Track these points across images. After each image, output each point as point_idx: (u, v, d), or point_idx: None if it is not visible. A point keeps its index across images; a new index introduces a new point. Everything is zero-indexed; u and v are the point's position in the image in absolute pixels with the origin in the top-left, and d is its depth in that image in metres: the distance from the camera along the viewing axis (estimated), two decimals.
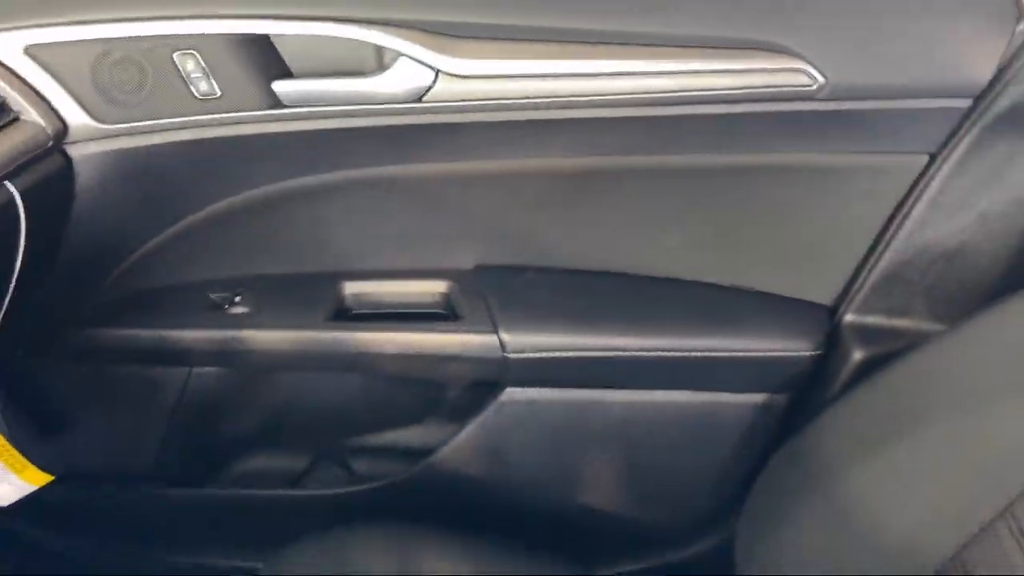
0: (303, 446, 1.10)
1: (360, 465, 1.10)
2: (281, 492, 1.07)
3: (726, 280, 0.93)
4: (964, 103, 0.74)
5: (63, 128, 0.78)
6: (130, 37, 0.75)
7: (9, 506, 1.16)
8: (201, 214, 0.91)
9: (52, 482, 1.10)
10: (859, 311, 0.89)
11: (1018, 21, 0.71)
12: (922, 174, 0.80)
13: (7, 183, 0.72)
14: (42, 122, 0.76)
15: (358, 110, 0.79)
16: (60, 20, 0.74)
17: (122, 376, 1.00)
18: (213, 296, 0.96)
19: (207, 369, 0.99)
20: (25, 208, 0.75)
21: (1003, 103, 0.73)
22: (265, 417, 1.07)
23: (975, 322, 0.71)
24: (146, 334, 0.95)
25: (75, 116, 0.77)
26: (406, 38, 0.74)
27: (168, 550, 1.16)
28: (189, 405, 1.01)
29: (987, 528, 0.62)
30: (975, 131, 0.75)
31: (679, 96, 0.76)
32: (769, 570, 0.81)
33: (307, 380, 1.04)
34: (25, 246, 0.78)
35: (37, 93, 0.76)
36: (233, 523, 1.07)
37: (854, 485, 0.74)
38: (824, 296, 0.91)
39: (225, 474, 1.11)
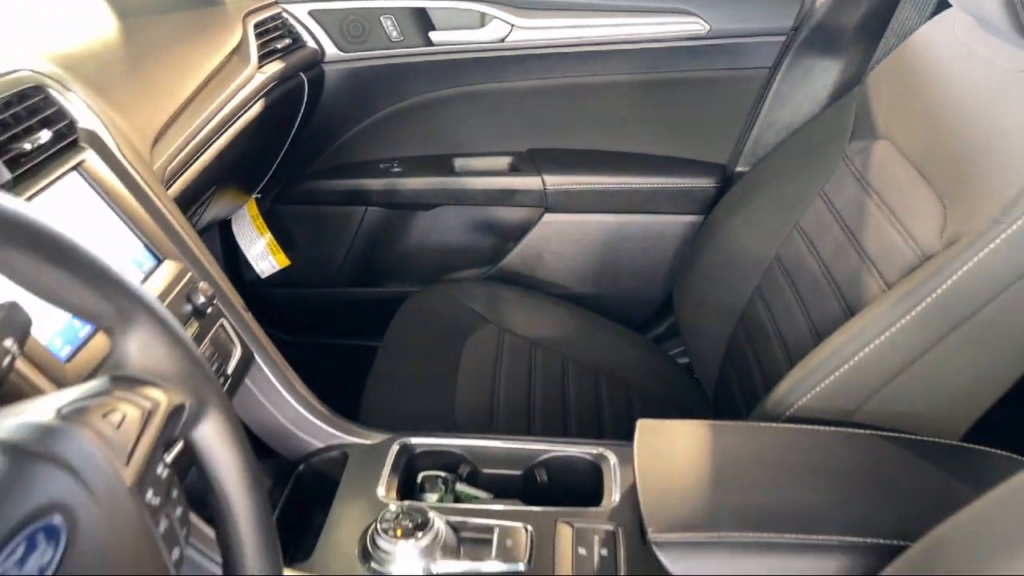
0: (422, 271, 1.79)
1: None
2: (413, 289, 1.76)
3: (665, 152, 1.60)
4: (782, 38, 1.45)
5: (323, 53, 1.53)
6: (358, 8, 1.51)
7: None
8: (379, 114, 1.64)
9: (275, 289, 1.79)
10: (741, 165, 1.56)
11: None
12: (767, 80, 1.48)
13: (302, 74, 1.46)
14: (315, 47, 1.51)
15: (471, 47, 1.53)
16: None
17: (324, 215, 1.72)
18: (381, 165, 1.67)
19: (376, 209, 1.69)
20: (307, 92, 1.49)
21: (800, 37, 1.42)
22: (403, 248, 1.76)
23: (785, 142, 1.38)
24: (343, 183, 1.66)
25: (329, 47, 1.53)
26: (496, 8, 1.48)
27: (343, 334, 1.85)
28: (362, 235, 1.72)
29: (789, 234, 1.21)
30: (790, 54, 1.44)
31: (631, 38, 1.48)
32: (687, 302, 1.46)
33: (429, 227, 1.73)
34: (300, 117, 1.52)
35: (312, 34, 1.52)
36: (381, 312, 1.74)
37: (727, 230, 1.34)
38: (721, 157, 1.58)
39: (380, 280, 1.81)
